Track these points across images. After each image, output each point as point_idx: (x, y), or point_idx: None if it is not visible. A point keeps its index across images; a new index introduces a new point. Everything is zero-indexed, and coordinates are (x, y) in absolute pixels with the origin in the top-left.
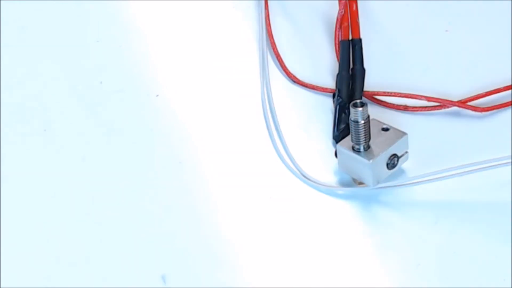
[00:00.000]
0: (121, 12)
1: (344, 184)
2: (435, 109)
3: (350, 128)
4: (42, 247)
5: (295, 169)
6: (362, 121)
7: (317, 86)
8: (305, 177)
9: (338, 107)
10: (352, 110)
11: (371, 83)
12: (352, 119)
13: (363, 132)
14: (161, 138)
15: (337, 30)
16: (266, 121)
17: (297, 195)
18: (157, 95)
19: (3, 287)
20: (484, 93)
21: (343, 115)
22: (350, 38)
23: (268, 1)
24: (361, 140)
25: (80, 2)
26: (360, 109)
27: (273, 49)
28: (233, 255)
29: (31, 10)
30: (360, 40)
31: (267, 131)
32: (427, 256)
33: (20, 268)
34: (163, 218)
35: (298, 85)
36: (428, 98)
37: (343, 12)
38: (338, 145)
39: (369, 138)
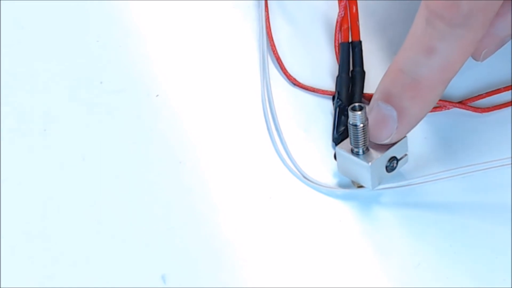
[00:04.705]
0: (121, 12)
1: (343, 185)
2: (435, 110)
3: (349, 131)
4: (42, 247)
5: (295, 170)
6: (361, 125)
7: (317, 89)
8: (305, 178)
9: (337, 110)
10: (350, 113)
11: (371, 85)
12: (351, 122)
13: (362, 135)
14: (161, 138)
15: (337, 32)
16: (266, 122)
17: (297, 195)
18: (157, 95)
19: (3, 287)
20: (484, 94)
21: (343, 117)
22: (350, 40)
23: (268, 2)
24: (359, 143)
25: (80, 2)
26: (359, 112)
27: (273, 51)
28: (233, 255)
29: (31, 10)
30: (360, 42)
31: (267, 132)
32: (427, 256)
33: (20, 268)
34: (163, 218)
35: (298, 87)
36: None
37: (343, 14)
38: (337, 147)
39: (368, 141)
